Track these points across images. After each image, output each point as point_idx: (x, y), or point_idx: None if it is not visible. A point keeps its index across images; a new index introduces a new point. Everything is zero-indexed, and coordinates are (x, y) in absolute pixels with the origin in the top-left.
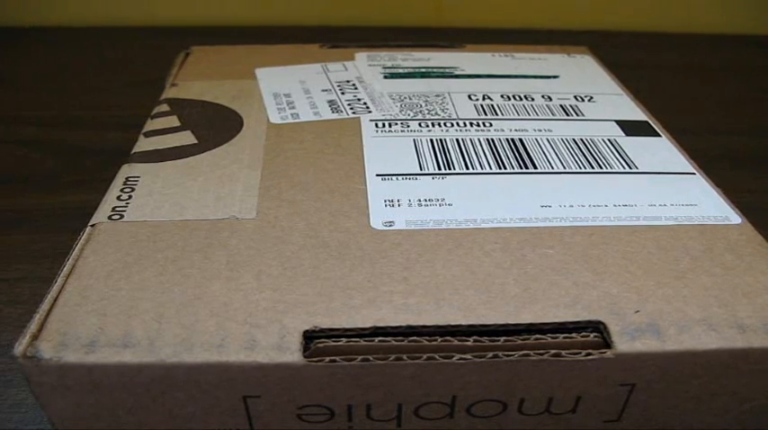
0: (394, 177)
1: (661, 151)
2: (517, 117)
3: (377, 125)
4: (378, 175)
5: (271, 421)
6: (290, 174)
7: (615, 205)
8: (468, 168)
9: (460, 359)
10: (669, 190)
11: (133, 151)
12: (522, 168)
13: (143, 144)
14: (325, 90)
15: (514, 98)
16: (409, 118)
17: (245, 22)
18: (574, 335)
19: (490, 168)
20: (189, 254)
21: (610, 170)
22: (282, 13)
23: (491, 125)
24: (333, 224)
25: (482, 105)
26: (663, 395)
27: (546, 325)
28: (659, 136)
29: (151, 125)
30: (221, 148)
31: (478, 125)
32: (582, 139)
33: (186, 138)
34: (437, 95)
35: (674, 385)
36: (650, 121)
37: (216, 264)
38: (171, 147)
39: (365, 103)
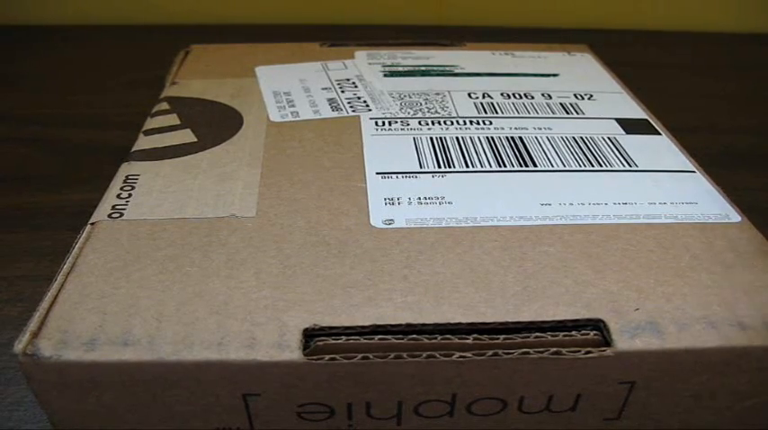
0: (394, 175)
1: (661, 149)
2: (517, 115)
3: (377, 123)
4: (378, 174)
5: (271, 419)
6: (290, 173)
7: (615, 203)
8: (468, 166)
9: (460, 357)
10: (669, 188)
11: (133, 149)
12: (521, 166)
13: (143, 142)
14: (325, 88)
15: (514, 96)
16: (409, 116)
17: (244, 20)
18: (574, 333)
19: (490, 166)
20: (189, 252)
21: (610, 168)
22: (282, 12)
23: (491, 123)
24: (333, 222)
25: (482, 103)
26: (663, 393)
27: (546, 323)
28: (659, 134)
29: (151, 123)
30: (221, 147)
31: (478, 123)
32: (582, 138)
33: (186, 136)
34: (437, 94)
35: (673, 383)
36: (650, 120)
37: (216, 263)
38: (171, 145)
39: (365, 102)
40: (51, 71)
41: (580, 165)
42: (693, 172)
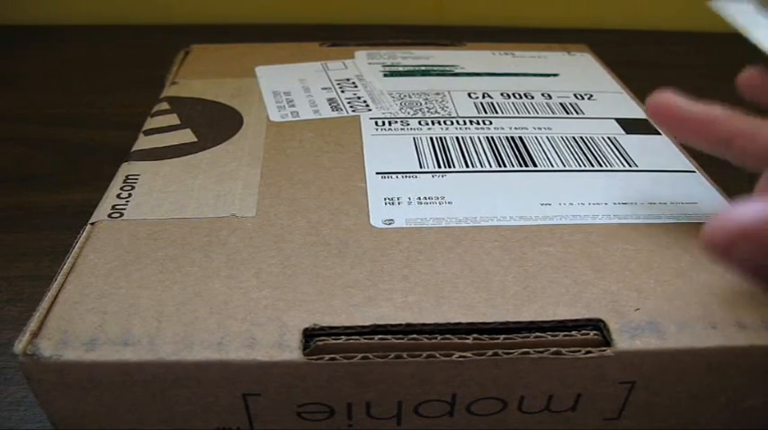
0: (394, 175)
1: (661, 149)
2: (517, 115)
3: (377, 123)
4: (378, 173)
5: (270, 419)
6: (290, 173)
7: (615, 203)
8: (467, 166)
9: (460, 357)
10: (669, 188)
11: (133, 149)
12: (521, 166)
13: (143, 142)
14: (325, 88)
15: (514, 96)
16: (409, 116)
17: (244, 20)
18: (574, 333)
19: (490, 166)
20: (188, 252)
21: (609, 168)
22: (282, 12)
23: (491, 123)
24: (333, 222)
25: (482, 103)
26: (662, 393)
27: (546, 323)
28: (659, 134)
29: (151, 123)
30: (221, 147)
31: (478, 123)
32: (582, 137)
33: (186, 136)
34: (437, 93)
35: (673, 383)
36: (650, 120)
37: (216, 263)
38: (171, 145)
39: (365, 102)
40: (51, 71)
41: (580, 165)
42: (693, 172)
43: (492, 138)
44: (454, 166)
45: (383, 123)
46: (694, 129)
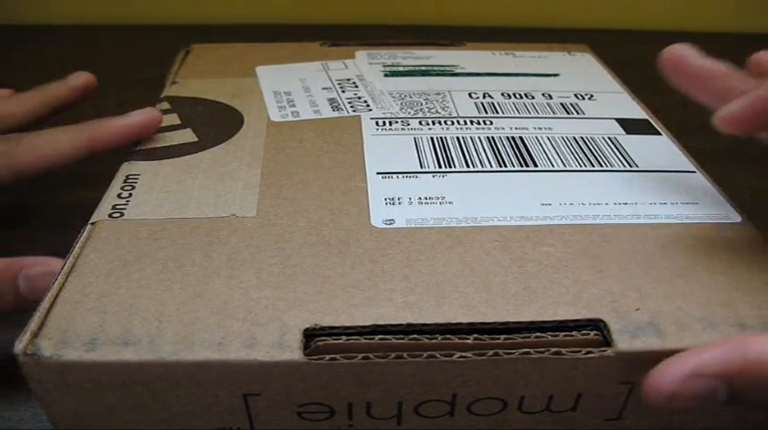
0: (394, 175)
1: (661, 149)
2: (517, 115)
3: (377, 123)
4: (378, 173)
5: (271, 419)
6: (291, 173)
7: (615, 203)
8: (468, 166)
9: (461, 357)
10: (669, 188)
11: (133, 149)
12: (522, 166)
13: (143, 142)
14: (326, 88)
15: (515, 96)
16: (410, 116)
17: (245, 20)
18: (574, 333)
19: (491, 166)
20: (189, 252)
21: (610, 168)
22: (283, 12)
23: (491, 123)
24: (333, 222)
25: (482, 103)
26: None
27: (546, 323)
28: (659, 134)
29: None
30: (221, 146)
31: (479, 123)
32: (582, 137)
33: (186, 136)
34: (437, 93)
35: None
36: (650, 120)
37: (216, 262)
38: (171, 145)
39: (366, 101)
40: (52, 71)
41: (580, 165)
42: (694, 172)
43: (492, 138)
44: (455, 166)
45: (384, 123)
46: (696, 82)
